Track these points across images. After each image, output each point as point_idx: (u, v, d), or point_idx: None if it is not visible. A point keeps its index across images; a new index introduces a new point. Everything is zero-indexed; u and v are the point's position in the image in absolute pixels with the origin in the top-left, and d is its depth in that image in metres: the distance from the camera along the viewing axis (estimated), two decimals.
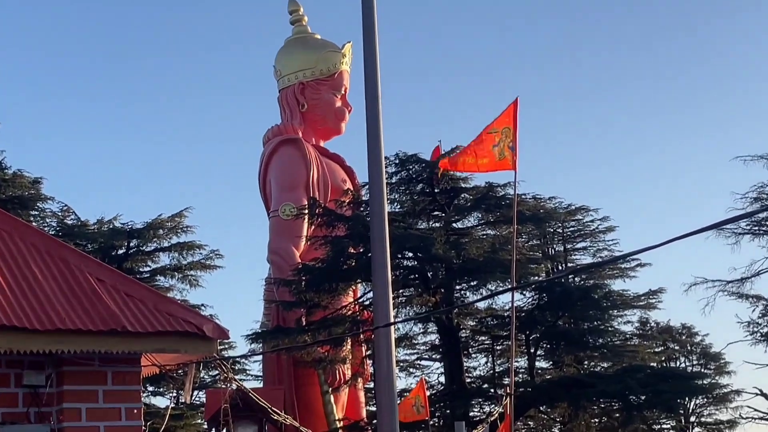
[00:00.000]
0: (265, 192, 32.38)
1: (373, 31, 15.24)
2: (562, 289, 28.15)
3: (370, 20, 15.26)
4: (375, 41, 15.21)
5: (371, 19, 15.24)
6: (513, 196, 24.54)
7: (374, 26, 15.25)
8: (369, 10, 15.25)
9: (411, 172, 28.55)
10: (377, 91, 15.01)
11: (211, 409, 22.85)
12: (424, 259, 27.06)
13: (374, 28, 15.25)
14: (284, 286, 27.96)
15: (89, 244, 30.56)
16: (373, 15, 15.24)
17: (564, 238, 34.01)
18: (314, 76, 32.82)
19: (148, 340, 10.11)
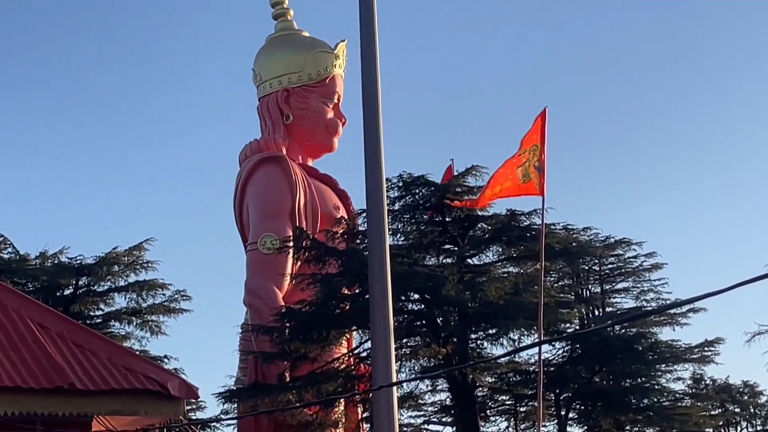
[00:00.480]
0: (242, 220, 32.37)
1: (373, 28, 15.27)
2: (598, 339, 28.08)
3: (368, 15, 15.28)
4: (375, 39, 15.22)
5: (370, 14, 15.26)
6: (540, 226, 24.54)
7: (374, 22, 15.28)
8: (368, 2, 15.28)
9: (417, 197, 28.54)
10: (377, 98, 15.02)
11: None
12: (433, 302, 27.01)
13: (374, 24, 15.27)
14: (264, 334, 27.90)
15: (30, 283, 30.56)
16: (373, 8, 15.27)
17: (601, 277, 33.99)
18: (301, 81, 32.89)
19: (101, 399, 10.05)
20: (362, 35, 15.29)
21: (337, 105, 33.34)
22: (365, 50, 15.24)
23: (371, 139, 14.94)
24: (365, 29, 15.28)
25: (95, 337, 10.79)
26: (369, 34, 15.25)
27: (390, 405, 14.33)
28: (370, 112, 15.01)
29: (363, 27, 15.29)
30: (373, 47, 15.17)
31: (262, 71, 33.43)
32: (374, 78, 15.05)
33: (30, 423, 10.07)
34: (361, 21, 15.31)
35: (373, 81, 15.04)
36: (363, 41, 15.28)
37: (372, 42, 15.19)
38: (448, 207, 28.36)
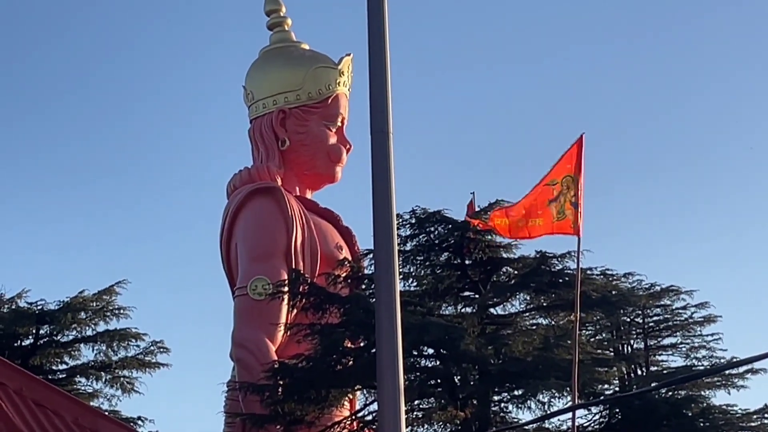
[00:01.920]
0: (230, 261, 32.40)
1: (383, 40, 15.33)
2: (642, 403, 28.05)
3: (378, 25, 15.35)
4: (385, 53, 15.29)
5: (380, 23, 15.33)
6: (575, 271, 24.55)
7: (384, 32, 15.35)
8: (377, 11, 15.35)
9: (432, 237, 28.60)
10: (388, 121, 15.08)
11: None
12: (450, 358, 27.03)
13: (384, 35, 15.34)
14: (254, 394, 27.90)
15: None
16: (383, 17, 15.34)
17: (645, 332, 34.03)
18: (300, 100, 32.97)
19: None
20: (371, 48, 15.35)
21: (340, 128, 33.40)
22: (374, 65, 15.30)
23: (380, 168, 14.98)
24: (374, 41, 15.34)
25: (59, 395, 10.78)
26: (378, 46, 15.30)
27: None
28: (379, 137, 15.05)
29: (372, 39, 15.35)
30: (383, 62, 15.23)
31: (255, 89, 33.51)
32: (384, 98, 15.10)
33: None
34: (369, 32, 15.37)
35: (383, 101, 15.09)
36: (371, 55, 15.33)
37: (382, 56, 15.24)
38: (468, 248, 28.39)
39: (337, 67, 33.34)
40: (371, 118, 15.16)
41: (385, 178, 14.95)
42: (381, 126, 15.03)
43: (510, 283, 28.87)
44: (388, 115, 15.06)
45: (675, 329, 34.18)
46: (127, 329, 31.94)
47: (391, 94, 15.15)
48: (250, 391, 28.03)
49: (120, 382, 31.81)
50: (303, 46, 34.10)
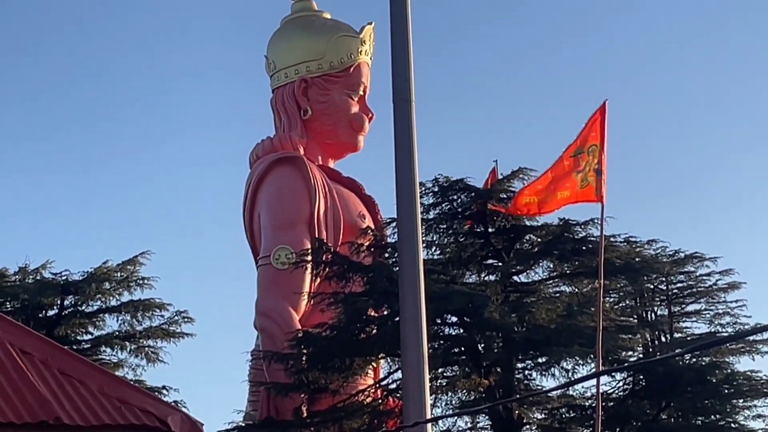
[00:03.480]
0: (253, 231, 32.43)
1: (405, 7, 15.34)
2: (665, 370, 28.04)
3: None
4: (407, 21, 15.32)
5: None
6: (598, 238, 24.54)
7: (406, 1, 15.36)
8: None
9: (455, 205, 28.58)
10: (410, 90, 15.09)
11: None
12: (474, 326, 27.04)
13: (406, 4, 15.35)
14: (278, 363, 27.96)
15: (8, 302, 30.70)
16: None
17: (669, 298, 33.97)
18: (322, 70, 32.94)
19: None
20: (393, 16, 15.36)
21: (362, 97, 33.37)
22: (396, 33, 15.31)
23: (403, 137, 15.00)
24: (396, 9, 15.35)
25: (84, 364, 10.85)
26: (401, 14, 15.32)
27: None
28: (402, 106, 15.08)
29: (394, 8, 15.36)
30: (405, 30, 15.25)
31: (277, 59, 33.47)
32: (406, 67, 15.11)
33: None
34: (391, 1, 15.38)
35: (405, 70, 15.10)
36: (394, 23, 15.35)
37: (404, 24, 15.26)
38: (492, 216, 28.36)
39: (359, 36, 33.28)
40: (393, 86, 15.18)
41: (408, 147, 14.98)
42: (403, 95, 15.07)
43: (533, 250, 28.85)
44: (410, 83, 15.08)
45: (699, 296, 34.11)
46: (151, 299, 31.98)
47: (413, 63, 15.16)
48: (274, 360, 28.09)
49: (144, 351, 31.88)
50: (324, 15, 34.05)
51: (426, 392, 14.55)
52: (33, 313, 30.75)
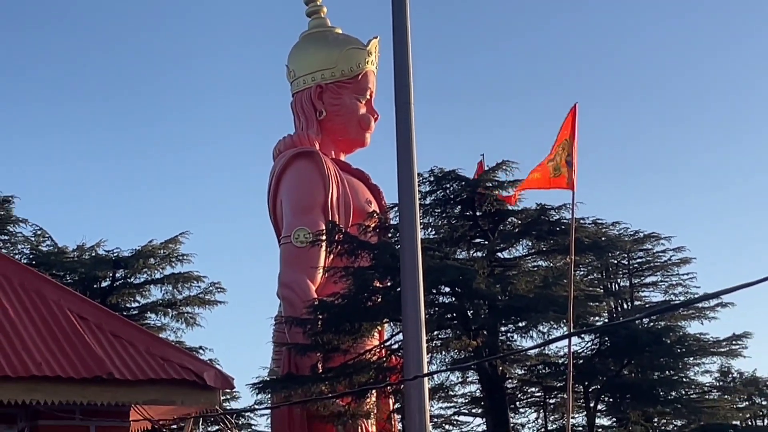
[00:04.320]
0: (276, 214, 32.41)
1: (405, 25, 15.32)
2: (627, 333, 28.01)
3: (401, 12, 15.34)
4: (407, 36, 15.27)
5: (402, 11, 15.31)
6: (570, 220, 24.53)
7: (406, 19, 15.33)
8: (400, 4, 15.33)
9: (448, 192, 28.55)
10: (409, 95, 15.06)
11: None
12: (464, 295, 27.02)
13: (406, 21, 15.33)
14: (297, 327, 27.95)
15: (68, 275, 30.68)
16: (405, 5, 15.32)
17: (630, 271, 33.95)
18: (334, 77, 32.89)
19: (138, 389, 10.13)
20: (395, 32, 15.33)
21: (369, 101, 33.33)
22: (397, 47, 15.28)
23: (403, 134, 14.99)
24: (398, 26, 15.33)
25: (132, 327, 10.86)
26: (401, 30, 15.29)
27: (421, 396, 14.39)
28: (402, 108, 15.06)
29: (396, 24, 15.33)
30: (405, 44, 15.21)
31: (296, 67, 33.44)
32: (407, 74, 15.09)
33: (69, 412, 10.17)
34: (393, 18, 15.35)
35: (406, 77, 15.08)
36: (395, 38, 15.32)
37: (404, 39, 15.23)
38: (479, 202, 28.37)
39: (366, 48, 33.24)
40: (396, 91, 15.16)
41: (408, 143, 14.97)
42: (404, 98, 15.06)
43: (514, 231, 28.84)
44: (410, 88, 15.07)
45: (655, 269, 34.10)
46: (189, 272, 31.97)
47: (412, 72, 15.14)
48: (294, 325, 28.10)
49: (184, 317, 31.86)
50: (337, 30, 34.00)
51: (423, 351, 14.55)
52: (89, 284, 30.73)
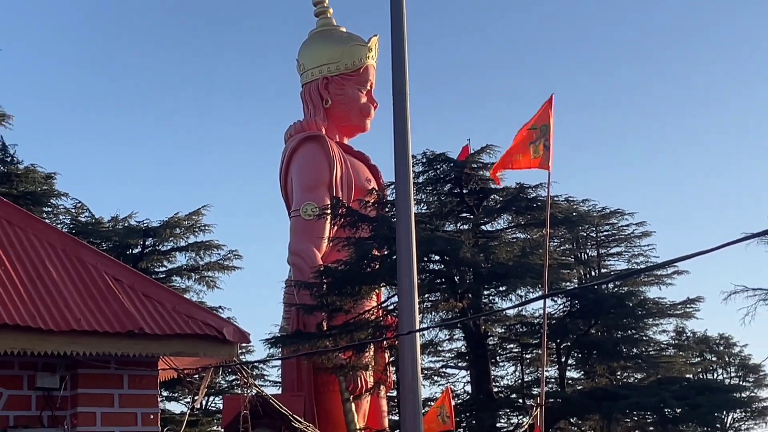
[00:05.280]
0: (287, 191, 32.38)
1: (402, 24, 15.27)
2: (594, 296, 28.09)
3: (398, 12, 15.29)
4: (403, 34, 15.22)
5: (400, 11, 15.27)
6: (546, 197, 24.53)
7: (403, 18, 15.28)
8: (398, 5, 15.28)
9: (438, 172, 28.56)
10: (405, 86, 15.02)
11: (228, 415, 22.94)
12: (452, 263, 27.05)
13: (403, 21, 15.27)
14: (305, 289, 27.98)
15: (103, 243, 30.66)
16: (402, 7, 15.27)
17: (597, 243, 33.97)
18: (339, 70, 32.78)
19: (166, 342, 10.15)
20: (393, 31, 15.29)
21: (369, 91, 33.26)
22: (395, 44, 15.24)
23: (399, 121, 14.96)
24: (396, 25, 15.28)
25: (161, 288, 10.87)
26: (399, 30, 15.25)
27: (413, 351, 14.40)
28: (399, 98, 15.02)
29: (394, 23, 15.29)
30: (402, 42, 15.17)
31: (305, 62, 33.36)
32: (403, 68, 15.05)
33: (105, 362, 10.19)
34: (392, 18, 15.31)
35: (402, 71, 15.05)
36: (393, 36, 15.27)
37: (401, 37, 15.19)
38: (466, 181, 28.38)
39: (367, 45, 33.14)
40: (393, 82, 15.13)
41: (404, 128, 14.94)
42: (400, 88, 15.01)
43: (496, 207, 28.85)
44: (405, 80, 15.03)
45: (620, 241, 34.10)
46: (210, 241, 31.93)
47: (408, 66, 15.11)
48: (302, 288, 28.13)
49: (205, 280, 31.84)
50: (341, 29, 33.88)
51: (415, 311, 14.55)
52: (122, 251, 30.71)
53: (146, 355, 10.15)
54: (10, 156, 31.00)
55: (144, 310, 10.31)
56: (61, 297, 10.20)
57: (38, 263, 10.58)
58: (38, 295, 10.13)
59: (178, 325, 10.22)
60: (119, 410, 10.20)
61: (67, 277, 10.48)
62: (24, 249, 10.69)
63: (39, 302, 10.04)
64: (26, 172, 30.85)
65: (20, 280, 10.27)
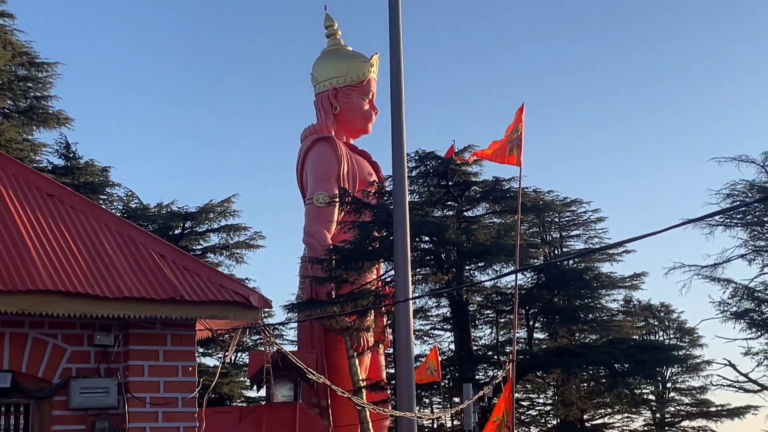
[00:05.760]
0: (302, 183, 32.40)
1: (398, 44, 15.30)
2: (557, 271, 28.13)
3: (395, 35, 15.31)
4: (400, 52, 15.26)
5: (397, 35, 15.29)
6: (517, 189, 24.56)
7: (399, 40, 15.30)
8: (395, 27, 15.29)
9: (428, 167, 28.56)
10: (401, 96, 15.05)
11: (253, 368, 23.01)
12: (439, 243, 27.09)
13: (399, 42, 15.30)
14: (317, 264, 28.03)
15: (150, 225, 30.67)
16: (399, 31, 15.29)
17: (560, 227, 33.99)
18: (346, 82, 32.77)
19: (202, 307, 10.17)
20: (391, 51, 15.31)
21: (371, 100, 33.25)
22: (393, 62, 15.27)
23: (396, 125, 14.99)
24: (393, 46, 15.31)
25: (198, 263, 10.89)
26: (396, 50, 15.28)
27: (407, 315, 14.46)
28: (396, 105, 15.06)
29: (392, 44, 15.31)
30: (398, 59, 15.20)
31: (318, 75, 33.34)
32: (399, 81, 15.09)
33: (151, 323, 10.23)
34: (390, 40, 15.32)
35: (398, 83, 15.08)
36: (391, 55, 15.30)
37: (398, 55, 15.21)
38: (451, 175, 28.37)
39: (370, 61, 33.11)
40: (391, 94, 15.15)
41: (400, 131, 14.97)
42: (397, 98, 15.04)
43: (476, 196, 28.87)
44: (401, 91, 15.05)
45: (578, 225, 34.11)
46: (238, 224, 31.93)
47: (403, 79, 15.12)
48: (315, 263, 28.19)
49: (234, 256, 31.82)
50: (348, 48, 33.84)
51: (409, 283, 14.61)
52: (165, 232, 30.71)
53: (185, 318, 10.17)
54: (73, 153, 31.01)
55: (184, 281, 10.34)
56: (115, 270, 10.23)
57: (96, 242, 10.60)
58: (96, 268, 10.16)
59: (212, 293, 10.24)
60: (163, 363, 10.22)
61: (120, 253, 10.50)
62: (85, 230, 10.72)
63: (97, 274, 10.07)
64: (86, 166, 30.84)
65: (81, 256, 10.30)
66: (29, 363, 9.68)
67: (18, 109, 27.80)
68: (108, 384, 9.83)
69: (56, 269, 9.56)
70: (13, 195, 10.61)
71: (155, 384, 9.95)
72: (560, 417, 31.46)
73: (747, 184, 32.04)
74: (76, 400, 9.71)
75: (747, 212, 32.03)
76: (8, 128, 26.14)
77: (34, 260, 9.64)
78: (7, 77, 26.59)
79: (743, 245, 32.44)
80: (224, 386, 31.19)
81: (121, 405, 9.88)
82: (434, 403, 33.75)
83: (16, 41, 27.03)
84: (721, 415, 36.58)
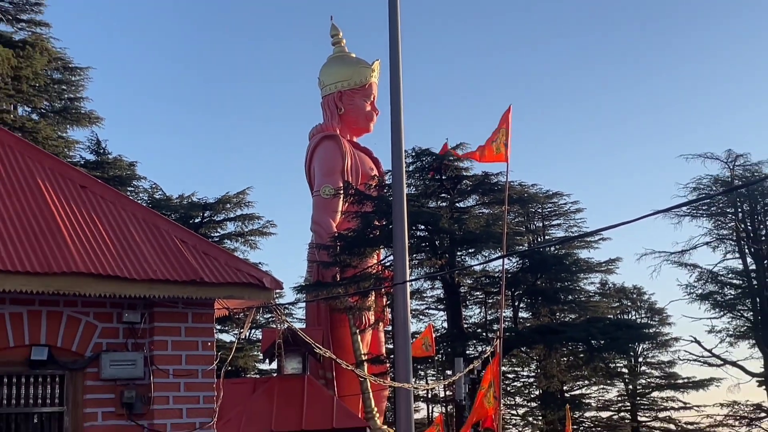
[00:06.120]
0: (310, 176, 32.42)
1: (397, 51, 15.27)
2: (540, 257, 28.15)
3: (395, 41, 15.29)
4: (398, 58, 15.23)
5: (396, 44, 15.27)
6: (505, 183, 24.57)
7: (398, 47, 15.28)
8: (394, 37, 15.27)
9: (424, 163, 28.55)
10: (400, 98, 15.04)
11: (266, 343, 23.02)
12: (433, 231, 27.10)
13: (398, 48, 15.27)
14: (323, 250, 28.04)
15: (173, 214, 30.74)
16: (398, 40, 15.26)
17: (543, 217, 34.05)
18: (350, 86, 32.77)
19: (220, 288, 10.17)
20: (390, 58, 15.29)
21: (372, 102, 33.24)
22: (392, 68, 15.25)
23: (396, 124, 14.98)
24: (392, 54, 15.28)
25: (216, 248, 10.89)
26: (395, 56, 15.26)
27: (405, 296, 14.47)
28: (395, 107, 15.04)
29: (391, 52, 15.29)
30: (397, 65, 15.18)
31: (324, 79, 33.34)
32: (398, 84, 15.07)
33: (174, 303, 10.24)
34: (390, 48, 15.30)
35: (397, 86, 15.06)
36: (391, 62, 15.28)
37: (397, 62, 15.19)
38: (444, 170, 28.34)
39: (371, 67, 33.10)
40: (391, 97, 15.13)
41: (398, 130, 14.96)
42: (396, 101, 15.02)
43: (467, 189, 28.86)
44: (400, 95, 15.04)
45: (559, 215, 34.18)
46: (252, 213, 32.05)
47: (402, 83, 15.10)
48: (321, 249, 28.19)
49: (249, 243, 31.95)
50: (352, 54, 33.82)
51: (406, 267, 14.62)
52: (186, 220, 30.79)
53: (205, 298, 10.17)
54: (103, 149, 31.04)
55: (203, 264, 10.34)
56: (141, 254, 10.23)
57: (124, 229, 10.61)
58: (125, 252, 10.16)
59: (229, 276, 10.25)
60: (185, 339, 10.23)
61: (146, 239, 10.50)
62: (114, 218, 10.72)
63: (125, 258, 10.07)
64: (114, 161, 30.87)
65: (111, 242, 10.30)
66: (64, 338, 9.70)
67: (53, 110, 27.81)
68: (135, 357, 9.85)
69: (88, 254, 9.58)
70: (50, 186, 10.64)
71: (178, 357, 9.97)
72: (542, 388, 31.56)
73: (712, 179, 32.17)
74: (107, 372, 9.74)
75: (711, 204, 32.13)
76: (45, 127, 26.16)
77: (68, 245, 9.66)
78: (43, 80, 26.59)
79: (708, 234, 32.55)
80: (239, 360, 31.27)
81: (147, 376, 9.90)
82: (429, 375, 33.85)
83: (52, 48, 27.02)
84: (687, 387, 36.77)
